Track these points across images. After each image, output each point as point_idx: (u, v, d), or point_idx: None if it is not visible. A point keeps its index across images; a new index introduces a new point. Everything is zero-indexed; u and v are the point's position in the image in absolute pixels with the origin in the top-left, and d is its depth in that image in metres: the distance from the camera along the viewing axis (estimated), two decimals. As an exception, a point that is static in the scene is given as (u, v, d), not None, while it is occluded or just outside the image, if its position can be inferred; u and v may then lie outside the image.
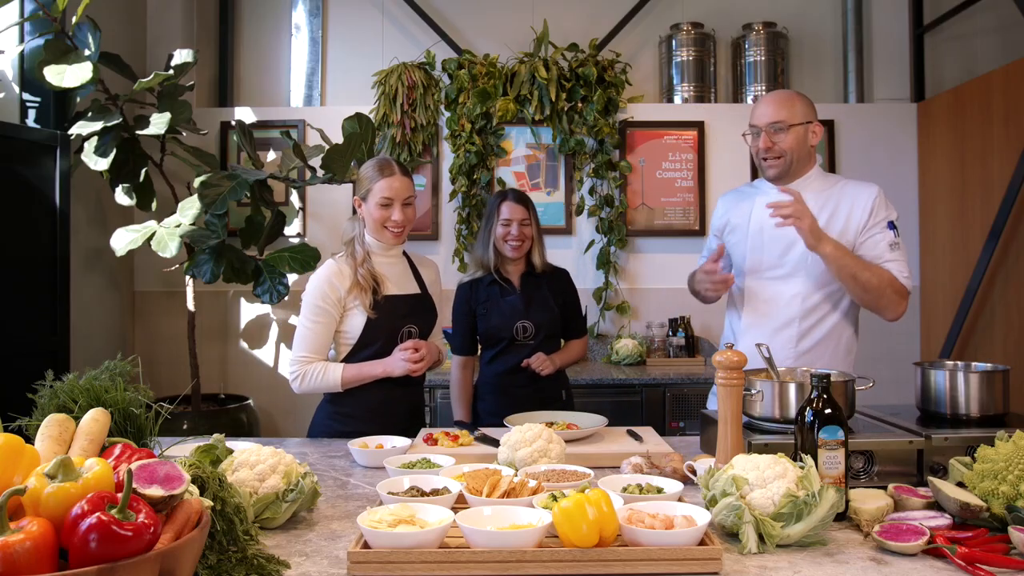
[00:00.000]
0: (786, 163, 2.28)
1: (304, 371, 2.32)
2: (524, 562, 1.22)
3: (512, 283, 2.80)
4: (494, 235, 2.77)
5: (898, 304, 2.21)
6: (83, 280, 3.70)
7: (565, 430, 2.05)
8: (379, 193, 2.34)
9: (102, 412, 1.32)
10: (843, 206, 2.27)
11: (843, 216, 2.26)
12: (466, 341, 2.84)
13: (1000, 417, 1.84)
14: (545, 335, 2.78)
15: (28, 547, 0.88)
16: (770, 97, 2.33)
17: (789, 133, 2.26)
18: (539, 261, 2.81)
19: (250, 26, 4.58)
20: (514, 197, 2.79)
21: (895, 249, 2.24)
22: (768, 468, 1.39)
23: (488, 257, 2.78)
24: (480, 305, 2.78)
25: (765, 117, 2.28)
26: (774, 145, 2.27)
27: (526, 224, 2.76)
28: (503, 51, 4.28)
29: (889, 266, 2.21)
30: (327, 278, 2.34)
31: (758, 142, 2.30)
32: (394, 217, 2.35)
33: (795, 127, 2.26)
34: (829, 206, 2.28)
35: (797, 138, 2.26)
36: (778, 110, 2.27)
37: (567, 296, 2.87)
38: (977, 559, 1.24)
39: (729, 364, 1.69)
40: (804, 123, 2.27)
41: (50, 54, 3.09)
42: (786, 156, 2.27)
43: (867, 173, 4.26)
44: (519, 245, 2.75)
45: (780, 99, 2.30)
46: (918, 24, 4.32)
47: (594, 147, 4.22)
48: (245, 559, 1.19)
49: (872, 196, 2.26)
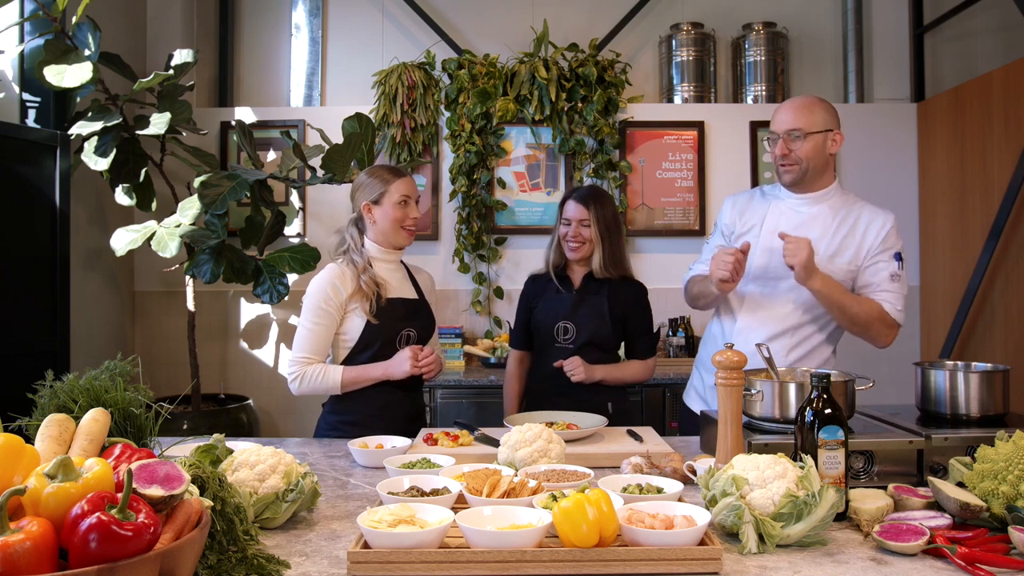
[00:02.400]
0: (801, 171, 2.27)
1: (303, 372, 2.32)
2: (524, 562, 1.22)
3: (571, 283, 2.71)
4: (557, 233, 2.72)
5: (887, 335, 2.28)
6: (83, 280, 3.70)
7: (565, 430, 2.05)
8: (397, 192, 2.40)
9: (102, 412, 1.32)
10: (859, 227, 2.28)
11: (858, 237, 2.28)
12: (522, 335, 2.79)
13: (1000, 417, 1.84)
14: (587, 342, 2.63)
15: (28, 547, 0.88)
16: (790, 103, 2.31)
17: (807, 141, 2.24)
18: (597, 265, 2.64)
19: (250, 26, 4.58)
20: (577, 196, 2.69)
21: (895, 280, 2.26)
22: (768, 468, 1.39)
23: (550, 255, 2.75)
24: (535, 300, 2.74)
25: (784, 123, 2.27)
26: (791, 152, 2.26)
27: (585, 225, 2.63)
28: (503, 51, 4.28)
29: (885, 296, 2.24)
30: (330, 280, 2.35)
31: (776, 148, 2.29)
32: (412, 215, 2.43)
33: (813, 135, 2.24)
34: (847, 224, 2.29)
35: (815, 146, 2.25)
36: (797, 117, 2.25)
37: (631, 310, 2.69)
38: (977, 559, 1.24)
39: (729, 364, 1.69)
40: (824, 131, 2.26)
41: (50, 54, 3.08)
42: (802, 164, 2.26)
43: (867, 173, 4.27)
44: (577, 247, 2.64)
45: (800, 106, 2.28)
46: (918, 24, 4.32)
47: (594, 147, 4.22)
48: (245, 559, 1.19)
49: (888, 224, 2.28)
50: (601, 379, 2.61)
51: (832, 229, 2.28)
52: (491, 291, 4.27)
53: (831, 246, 2.28)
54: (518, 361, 2.82)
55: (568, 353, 2.61)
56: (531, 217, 4.28)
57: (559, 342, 2.66)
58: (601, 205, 2.66)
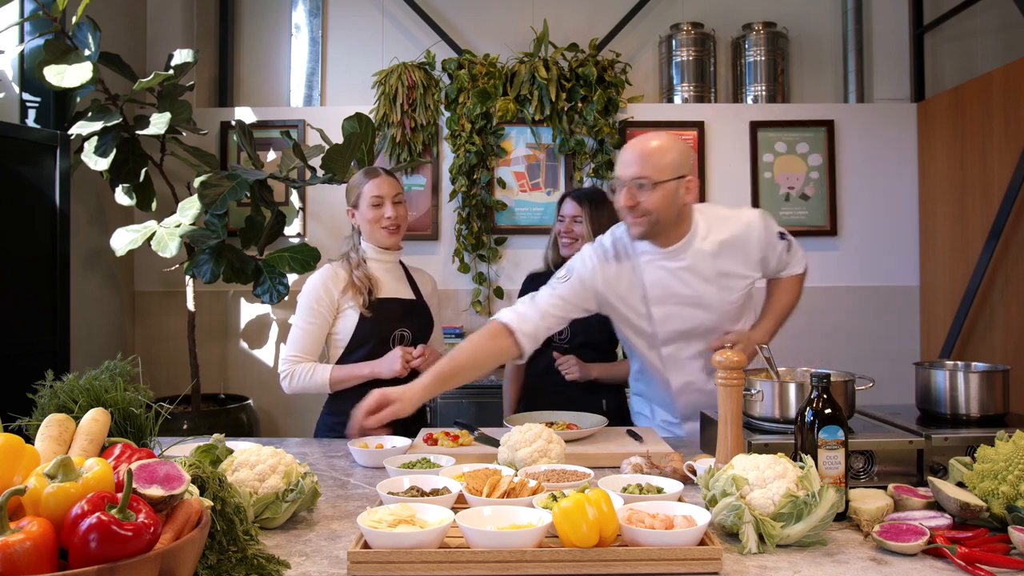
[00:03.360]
0: (650, 222, 2.02)
1: (293, 370, 2.35)
2: (524, 562, 1.22)
3: None
4: (555, 231, 2.76)
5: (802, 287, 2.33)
6: (83, 280, 3.70)
7: (565, 430, 2.05)
8: (368, 194, 2.42)
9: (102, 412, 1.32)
10: (737, 250, 2.12)
11: (740, 261, 2.14)
12: None
13: (1000, 417, 1.84)
14: (584, 342, 2.67)
15: (28, 547, 0.88)
16: (637, 146, 2.03)
17: (655, 191, 1.98)
18: None
19: (250, 26, 4.58)
20: (574, 195, 2.74)
21: (789, 250, 2.25)
22: (768, 468, 1.39)
23: (548, 253, 2.79)
24: None
25: (628, 170, 2.00)
26: (637, 203, 2.00)
27: (578, 222, 2.67)
28: (503, 51, 4.28)
29: (793, 269, 2.28)
30: (322, 281, 2.40)
31: (620, 197, 2.02)
32: (387, 214, 2.41)
33: (663, 184, 1.98)
34: (722, 259, 2.12)
35: (665, 196, 1.99)
36: (643, 164, 1.98)
37: None
38: (977, 559, 1.24)
39: (729, 364, 1.69)
40: (675, 179, 2.00)
41: (50, 54, 3.09)
42: (651, 216, 2.01)
43: (867, 173, 4.27)
44: (570, 243, 2.68)
45: (646, 152, 2.00)
46: (918, 24, 4.32)
47: (594, 147, 4.21)
48: (245, 559, 1.19)
49: (757, 230, 2.13)
50: (597, 377, 2.64)
51: (711, 272, 2.11)
52: (491, 291, 4.27)
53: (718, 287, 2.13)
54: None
55: (564, 353, 2.65)
56: (531, 217, 4.28)
57: (555, 342, 2.68)
58: (596, 206, 2.69)
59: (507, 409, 2.80)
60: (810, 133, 4.28)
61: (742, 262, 2.15)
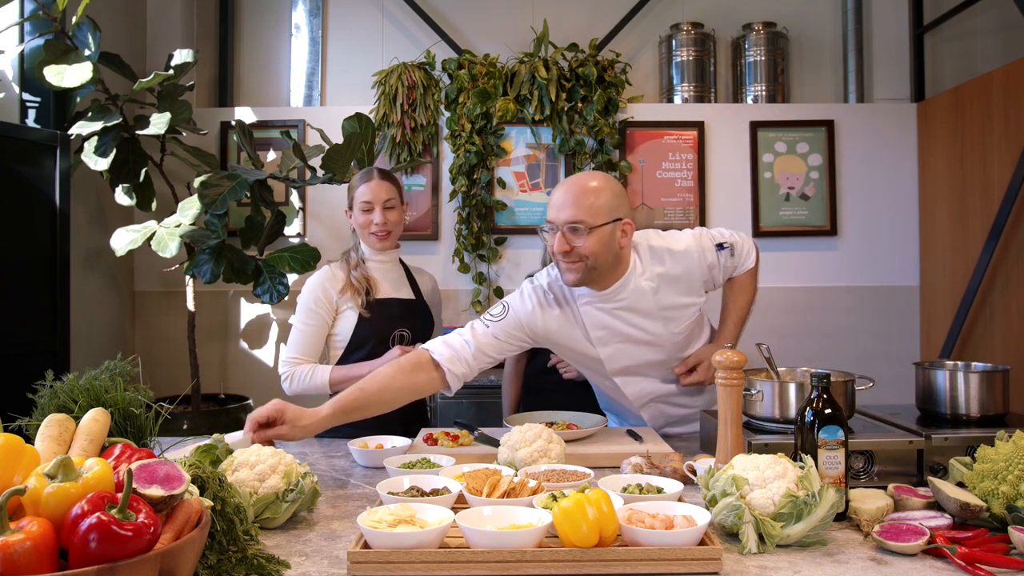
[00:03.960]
0: (586, 268, 1.95)
1: (293, 372, 2.37)
2: (524, 562, 1.22)
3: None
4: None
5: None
6: (83, 280, 3.70)
7: (565, 430, 2.05)
8: (360, 198, 2.43)
9: (102, 412, 1.32)
10: (678, 283, 2.07)
11: (683, 290, 2.08)
12: None
13: (1000, 417, 1.84)
14: None
15: (28, 547, 0.88)
16: (570, 188, 1.95)
17: (591, 236, 1.90)
18: None
19: (250, 26, 4.58)
20: None
21: (733, 253, 2.15)
22: (768, 468, 1.39)
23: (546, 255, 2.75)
24: None
25: (562, 215, 1.91)
26: (572, 249, 1.92)
27: None
28: (503, 51, 4.28)
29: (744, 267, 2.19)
30: (320, 283, 2.41)
31: (553, 242, 1.94)
32: (375, 220, 2.41)
33: (598, 228, 1.91)
34: (662, 293, 2.06)
35: (600, 240, 1.92)
36: (578, 208, 1.90)
37: None
38: (977, 559, 1.24)
39: (729, 364, 1.69)
40: (611, 222, 1.93)
41: (50, 54, 3.09)
42: (587, 261, 1.94)
43: (867, 173, 4.27)
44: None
45: (580, 194, 1.92)
46: (918, 24, 4.32)
47: (594, 147, 4.21)
48: (245, 559, 1.19)
49: (696, 256, 2.08)
50: None
51: (653, 308, 2.05)
52: (491, 291, 4.27)
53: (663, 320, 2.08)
54: (515, 361, 2.83)
55: None
56: (531, 217, 4.28)
57: None
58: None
59: (507, 409, 2.81)
60: (810, 133, 4.28)
61: (684, 290, 2.08)
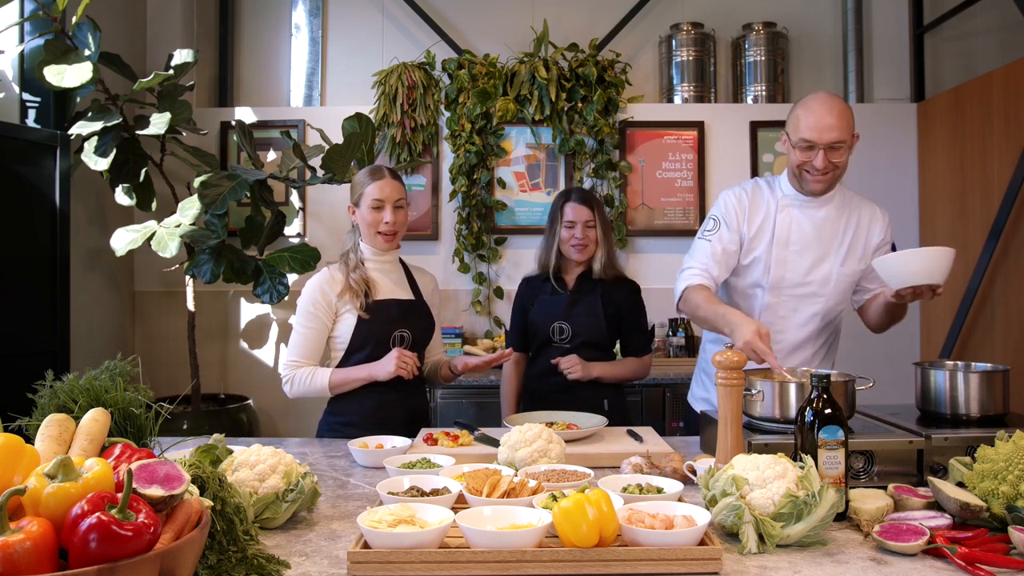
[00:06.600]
0: (836, 179, 2.15)
1: (293, 375, 2.36)
2: (524, 562, 1.22)
3: (565, 284, 2.72)
4: (558, 237, 2.67)
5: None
6: (83, 280, 3.70)
7: (565, 430, 2.05)
8: (370, 196, 2.40)
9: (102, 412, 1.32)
10: (863, 227, 2.24)
11: (863, 235, 2.24)
12: (518, 336, 2.80)
13: (1000, 417, 1.84)
14: (584, 341, 2.66)
15: (28, 547, 0.88)
16: (831, 110, 2.07)
17: (848, 151, 2.10)
18: (599, 266, 2.67)
19: (250, 26, 4.58)
20: (578, 197, 2.69)
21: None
22: (768, 468, 1.39)
23: (550, 260, 2.72)
24: (531, 301, 2.75)
25: (829, 135, 2.06)
26: (832, 165, 2.09)
27: (591, 226, 2.65)
28: (503, 51, 4.28)
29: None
30: (319, 285, 2.40)
31: (810, 156, 2.08)
32: (386, 219, 2.39)
33: (850, 142, 2.10)
34: (852, 224, 2.23)
35: (849, 152, 2.12)
36: (842, 130, 2.06)
37: (624, 308, 2.71)
38: (977, 559, 1.24)
39: (729, 364, 1.69)
40: (855, 135, 2.13)
41: (50, 54, 3.09)
42: (837, 172, 2.13)
43: (867, 173, 4.27)
44: (584, 247, 2.65)
45: (843, 114, 2.07)
46: (918, 24, 4.32)
47: (594, 147, 4.21)
48: (245, 559, 1.19)
49: (884, 221, 2.26)
50: (598, 376, 2.63)
51: (841, 230, 2.22)
52: (491, 291, 4.27)
53: (841, 249, 2.23)
54: (514, 362, 2.83)
55: (565, 353, 2.63)
56: (531, 217, 4.28)
57: (556, 342, 2.69)
58: (597, 204, 2.71)
59: (507, 409, 2.81)
60: (810, 133, 4.28)
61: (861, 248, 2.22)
